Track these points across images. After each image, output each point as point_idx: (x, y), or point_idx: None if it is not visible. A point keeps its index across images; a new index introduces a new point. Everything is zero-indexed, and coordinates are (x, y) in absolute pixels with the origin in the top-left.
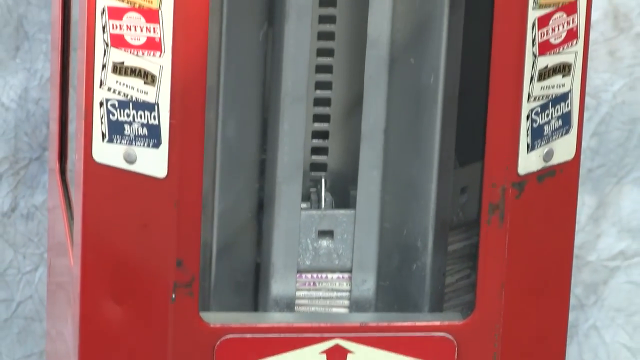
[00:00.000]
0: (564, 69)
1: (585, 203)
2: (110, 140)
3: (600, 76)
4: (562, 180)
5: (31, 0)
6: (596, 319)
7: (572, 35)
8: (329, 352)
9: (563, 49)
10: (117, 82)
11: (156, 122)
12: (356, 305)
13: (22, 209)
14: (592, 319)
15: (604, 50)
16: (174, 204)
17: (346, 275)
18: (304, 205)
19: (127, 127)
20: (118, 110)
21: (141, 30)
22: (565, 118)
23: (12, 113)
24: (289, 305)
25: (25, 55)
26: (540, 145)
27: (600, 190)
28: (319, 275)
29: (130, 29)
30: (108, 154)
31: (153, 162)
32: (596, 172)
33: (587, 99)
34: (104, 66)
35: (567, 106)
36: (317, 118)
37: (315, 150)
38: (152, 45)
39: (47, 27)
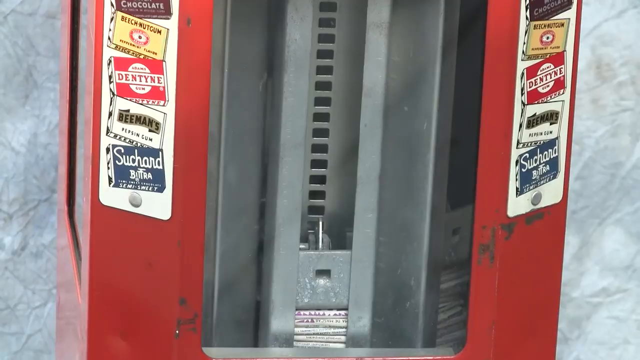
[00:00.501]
0: (551, 116)
1: (570, 243)
2: (117, 185)
3: (584, 123)
4: (549, 222)
5: (40, 51)
6: (580, 352)
7: (559, 84)
8: None
9: (551, 97)
10: (122, 129)
11: (160, 167)
12: (352, 341)
13: (32, 247)
14: (576, 352)
15: (587, 99)
16: (177, 244)
17: (343, 312)
18: (302, 246)
19: (132, 172)
20: (124, 156)
21: (146, 80)
22: (553, 163)
23: (22, 157)
24: (287, 340)
25: (34, 102)
26: (529, 190)
27: (584, 231)
28: (317, 313)
29: (135, 79)
30: (114, 197)
31: (157, 205)
32: (580, 213)
33: None
34: (110, 114)
35: (555, 152)
36: (315, 164)
37: (313, 194)
38: (157, 94)
39: (55, 76)
